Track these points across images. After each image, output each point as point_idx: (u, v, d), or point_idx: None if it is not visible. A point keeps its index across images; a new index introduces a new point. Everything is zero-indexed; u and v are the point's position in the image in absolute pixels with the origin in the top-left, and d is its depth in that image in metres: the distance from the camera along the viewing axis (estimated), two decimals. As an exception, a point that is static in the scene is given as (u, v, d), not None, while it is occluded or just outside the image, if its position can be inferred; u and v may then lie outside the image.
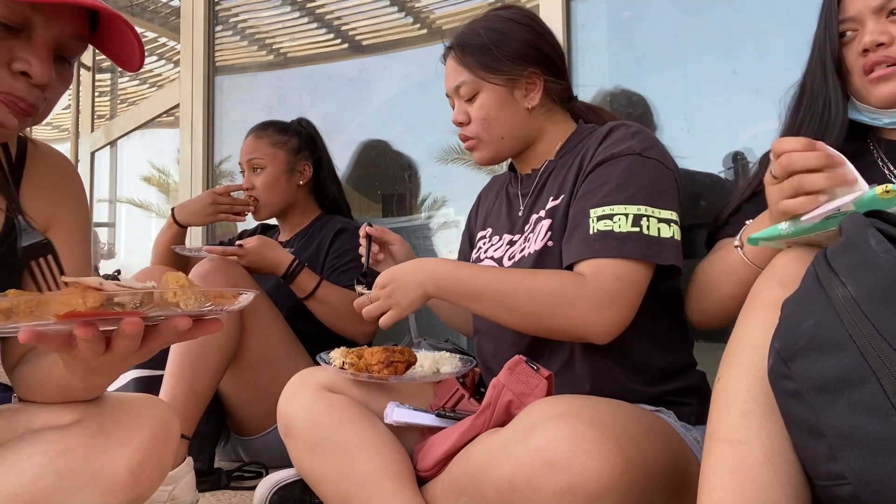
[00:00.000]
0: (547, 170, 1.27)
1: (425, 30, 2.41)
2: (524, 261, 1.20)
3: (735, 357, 0.75)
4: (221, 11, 3.09)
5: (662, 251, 1.07)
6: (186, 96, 3.07)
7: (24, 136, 1.01)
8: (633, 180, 1.10)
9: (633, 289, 1.07)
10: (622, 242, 1.06)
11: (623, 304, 1.06)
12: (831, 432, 0.60)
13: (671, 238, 1.08)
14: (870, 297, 0.60)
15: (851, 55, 1.06)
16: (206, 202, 2.02)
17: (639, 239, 1.07)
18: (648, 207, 1.08)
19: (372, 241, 1.41)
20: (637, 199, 1.09)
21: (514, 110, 1.25)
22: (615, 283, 1.06)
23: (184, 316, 0.67)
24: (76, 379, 0.81)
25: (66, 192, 1.03)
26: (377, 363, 1.16)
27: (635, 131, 1.16)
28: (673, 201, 1.11)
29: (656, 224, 1.08)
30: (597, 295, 1.05)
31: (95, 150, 4.03)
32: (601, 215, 1.09)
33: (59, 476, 0.83)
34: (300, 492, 1.32)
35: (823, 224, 0.75)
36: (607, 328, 1.06)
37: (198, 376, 1.52)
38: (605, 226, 1.08)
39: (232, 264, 1.65)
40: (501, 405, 1.00)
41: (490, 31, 1.25)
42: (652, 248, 1.07)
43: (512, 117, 1.25)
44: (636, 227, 1.07)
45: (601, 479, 0.81)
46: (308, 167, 1.99)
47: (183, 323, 0.67)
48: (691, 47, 1.68)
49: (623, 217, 1.08)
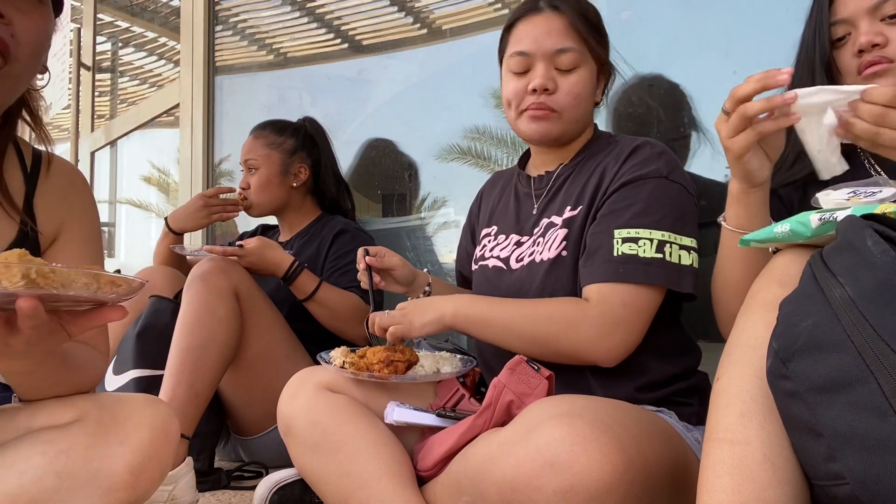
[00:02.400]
0: (563, 174, 1.25)
1: (425, 30, 2.41)
2: (535, 267, 1.20)
3: (734, 357, 0.75)
4: (221, 11, 3.09)
5: (682, 279, 1.08)
6: (186, 96, 3.07)
7: (38, 149, 1.04)
8: (659, 205, 1.10)
9: (643, 314, 1.08)
10: (647, 268, 1.07)
11: (628, 329, 1.07)
12: (830, 432, 0.60)
13: (690, 266, 1.09)
14: (867, 298, 0.60)
15: (845, 57, 1.06)
16: (197, 206, 2.04)
17: (661, 265, 1.07)
18: (672, 234, 1.08)
19: (373, 271, 1.34)
20: (663, 225, 1.09)
21: (591, 98, 1.23)
22: (621, 309, 1.06)
23: (28, 297, 0.65)
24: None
25: (77, 202, 1.05)
26: (378, 362, 1.16)
27: (661, 152, 1.16)
28: (693, 228, 1.12)
29: (678, 251, 1.08)
30: (602, 320, 1.06)
31: (95, 150, 4.03)
32: (626, 237, 1.09)
33: (58, 476, 0.83)
34: (300, 492, 1.32)
35: (820, 229, 0.75)
36: (610, 352, 1.07)
37: (198, 376, 1.52)
38: (629, 249, 1.08)
39: (232, 264, 1.65)
40: (502, 405, 1.00)
41: (592, 10, 1.22)
42: (673, 275, 1.08)
43: (589, 103, 1.22)
44: (660, 253, 1.07)
45: (602, 478, 0.81)
46: (304, 169, 1.99)
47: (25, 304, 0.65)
48: (691, 47, 1.68)
49: (648, 242, 1.08)
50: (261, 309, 1.68)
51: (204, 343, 1.54)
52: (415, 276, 1.40)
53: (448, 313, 1.16)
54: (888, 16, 1.02)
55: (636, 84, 1.72)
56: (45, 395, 0.91)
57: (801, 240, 0.78)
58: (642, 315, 1.08)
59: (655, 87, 1.71)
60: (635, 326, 1.07)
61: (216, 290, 1.58)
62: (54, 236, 1.02)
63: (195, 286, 1.58)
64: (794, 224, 0.78)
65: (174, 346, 1.55)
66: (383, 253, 1.36)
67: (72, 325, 0.74)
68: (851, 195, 0.81)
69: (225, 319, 1.58)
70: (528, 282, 1.21)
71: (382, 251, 1.36)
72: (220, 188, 2.07)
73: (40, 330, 0.71)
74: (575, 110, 1.20)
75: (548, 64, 1.18)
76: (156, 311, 1.77)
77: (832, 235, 0.71)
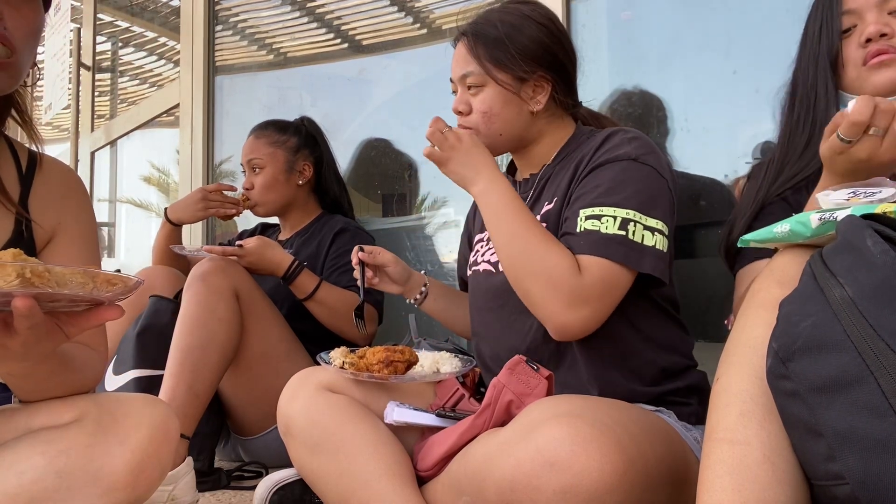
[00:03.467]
0: (544, 176, 1.26)
1: (425, 30, 2.41)
2: None
3: (734, 357, 0.75)
4: (221, 11, 3.09)
5: (643, 258, 1.07)
6: (186, 96, 3.07)
7: (34, 151, 1.05)
8: (625, 185, 1.10)
9: (613, 292, 1.07)
10: (606, 243, 1.06)
11: (599, 305, 1.06)
12: (829, 432, 0.60)
13: (653, 247, 1.07)
14: (867, 298, 0.60)
15: (851, 47, 1.08)
16: (195, 198, 2.03)
17: (622, 242, 1.06)
18: (637, 213, 1.08)
19: (366, 266, 1.38)
20: (627, 204, 1.08)
21: (518, 110, 1.24)
22: (599, 284, 1.05)
23: (24, 297, 0.65)
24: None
25: (72, 203, 1.05)
26: (377, 362, 1.16)
27: (633, 137, 1.16)
28: (663, 210, 1.10)
29: (642, 230, 1.07)
30: (580, 291, 1.05)
31: (95, 150, 4.03)
32: (589, 215, 1.09)
33: (58, 476, 0.83)
34: (300, 492, 1.32)
35: (820, 229, 0.75)
36: (574, 323, 1.06)
37: (198, 376, 1.52)
38: (591, 225, 1.08)
39: (232, 264, 1.65)
40: (501, 405, 1.00)
41: (506, 26, 1.23)
42: (632, 253, 1.06)
43: (514, 117, 1.24)
44: (622, 230, 1.07)
45: (602, 478, 0.81)
46: (308, 166, 1.99)
47: (21, 304, 0.66)
48: (691, 47, 1.68)
49: (611, 219, 1.07)
50: (261, 309, 1.68)
51: (204, 343, 1.54)
52: (410, 275, 1.42)
53: (481, 183, 1.15)
54: (892, 10, 1.04)
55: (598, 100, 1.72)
56: (44, 396, 0.91)
57: (801, 240, 0.78)
58: (614, 293, 1.07)
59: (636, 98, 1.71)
60: (605, 303, 1.06)
61: (216, 290, 1.58)
62: (50, 237, 1.02)
63: (195, 286, 1.58)
64: (794, 224, 0.78)
65: (174, 346, 1.55)
66: (377, 251, 1.39)
67: (69, 325, 0.74)
68: (851, 195, 0.81)
69: (225, 319, 1.58)
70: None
71: (377, 250, 1.39)
72: (221, 185, 2.06)
73: (37, 331, 0.71)
74: (490, 125, 1.24)
75: (463, 89, 1.27)
76: (156, 311, 1.77)
77: (832, 235, 0.71)
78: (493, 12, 1.26)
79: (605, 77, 1.81)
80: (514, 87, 1.22)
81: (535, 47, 1.22)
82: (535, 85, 1.23)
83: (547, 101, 1.23)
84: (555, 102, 1.25)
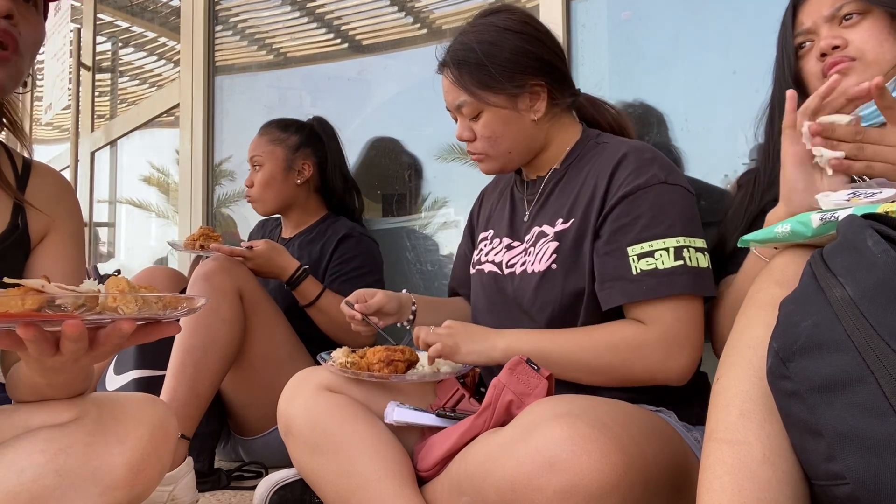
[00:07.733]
0: (552, 179, 1.25)
1: (425, 30, 2.40)
2: (527, 278, 1.19)
3: (734, 357, 0.75)
4: (221, 11, 3.09)
5: (705, 282, 1.07)
6: (186, 96, 3.07)
7: (27, 158, 1.10)
8: (664, 211, 1.08)
9: (696, 326, 1.06)
10: (670, 279, 1.05)
11: (692, 344, 1.06)
12: (830, 432, 0.60)
13: (708, 268, 1.08)
14: (868, 298, 0.60)
15: (810, 63, 1.12)
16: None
17: (684, 272, 1.05)
18: (686, 238, 1.07)
19: (367, 316, 1.28)
20: (673, 232, 1.07)
21: (520, 125, 1.21)
22: (678, 324, 1.05)
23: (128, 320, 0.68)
24: (37, 376, 0.83)
25: (64, 204, 1.10)
26: (378, 362, 1.16)
27: (651, 157, 1.14)
28: (700, 228, 1.10)
29: (695, 254, 1.07)
30: (665, 341, 1.04)
31: (95, 150, 4.03)
32: (640, 253, 1.07)
33: (58, 474, 0.83)
34: (300, 492, 1.32)
35: (821, 229, 0.75)
36: (681, 372, 1.06)
37: (200, 377, 1.52)
38: (647, 265, 1.06)
39: (236, 264, 1.65)
40: (502, 405, 1.00)
41: (484, 45, 1.19)
42: (698, 280, 1.06)
43: (518, 132, 1.22)
44: (679, 260, 1.05)
45: (602, 478, 0.81)
46: (308, 166, 1.98)
47: (127, 326, 0.69)
48: (691, 47, 1.68)
49: (664, 252, 1.06)
50: (264, 310, 1.68)
51: (206, 343, 1.54)
52: (400, 302, 1.34)
53: (500, 348, 1.12)
54: (844, 17, 1.09)
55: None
56: (46, 398, 0.92)
57: (802, 240, 0.78)
58: (696, 326, 1.06)
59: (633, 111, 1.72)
60: (696, 339, 1.06)
61: (220, 290, 1.57)
62: (43, 234, 1.05)
63: (198, 286, 1.57)
64: (795, 224, 0.78)
65: (176, 346, 1.55)
66: (368, 295, 1.30)
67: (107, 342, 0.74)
68: (851, 196, 0.81)
69: (228, 320, 1.57)
70: (523, 291, 1.20)
71: (367, 294, 1.30)
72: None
73: (77, 353, 0.72)
74: (498, 147, 1.22)
75: (461, 117, 1.24)
76: (156, 310, 1.76)
77: (832, 235, 0.71)
78: (468, 34, 1.22)
79: (606, 77, 1.81)
80: (509, 105, 1.20)
81: (520, 58, 1.19)
82: (530, 94, 1.20)
83: (546, 105, 1.22)
84: (554, 103, 1.24)
